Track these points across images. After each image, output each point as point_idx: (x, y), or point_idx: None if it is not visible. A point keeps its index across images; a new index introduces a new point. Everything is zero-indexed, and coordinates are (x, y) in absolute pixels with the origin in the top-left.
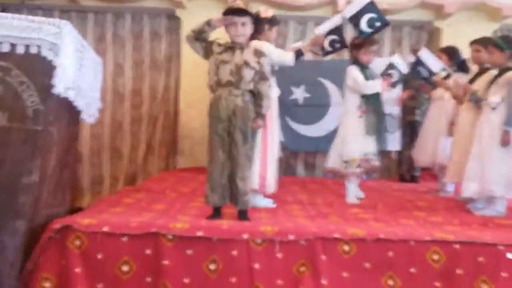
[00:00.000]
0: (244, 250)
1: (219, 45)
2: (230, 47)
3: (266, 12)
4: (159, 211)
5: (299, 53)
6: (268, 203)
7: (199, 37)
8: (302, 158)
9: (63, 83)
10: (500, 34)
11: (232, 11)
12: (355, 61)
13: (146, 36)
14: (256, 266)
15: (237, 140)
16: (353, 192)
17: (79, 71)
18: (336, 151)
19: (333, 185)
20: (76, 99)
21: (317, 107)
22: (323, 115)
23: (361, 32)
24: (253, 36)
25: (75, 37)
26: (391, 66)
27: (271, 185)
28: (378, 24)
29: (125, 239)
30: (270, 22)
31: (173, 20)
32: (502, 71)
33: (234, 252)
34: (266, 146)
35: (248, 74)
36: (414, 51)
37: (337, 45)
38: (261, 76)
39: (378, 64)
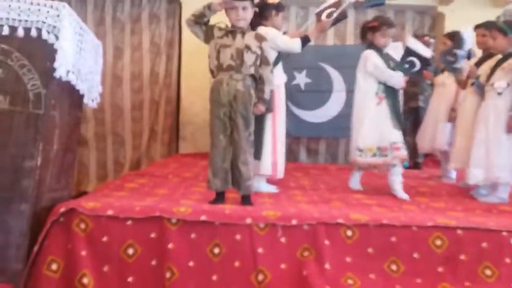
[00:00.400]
0: (247, 235)
1: (220, 29)
2: (231, 31)
3: None
4: (162, 195)
5: (305, 40)
6: (271, 188)
7: (200, 21)
8: (305, 144)
9: (64, 67)
10: (503, 19)
11: None
12: (370, 45)
13: (145, 20)
14: (260, 250)
15: (238, 125)
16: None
17: (79, 54)
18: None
19: (335, 171)
20: (77, 83)
21: (319, 93)
22: (325, 101)
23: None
24: (260, 22)
25: (74, 20)
26: (409, 52)
27: (281, 171)
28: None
29: (129, 222)
30: (277, 8)
31: (173, 4)
32: (506, 56)
33: (238, 237)
34: (276, 132)
35: (249, 58)
36: (418, 36)
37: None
38: (262, 61)
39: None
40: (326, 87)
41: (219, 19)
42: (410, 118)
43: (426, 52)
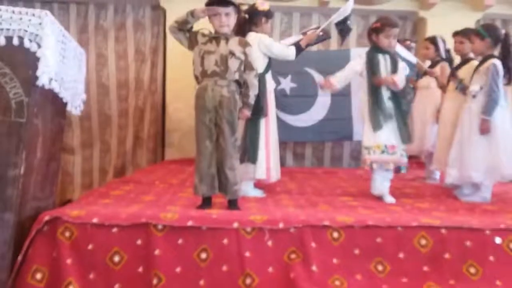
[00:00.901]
0: (234, 239)
1: (204, 35)
2: (215, 38)
3: (263, 4)
4: (149, 202)
5: (300, 47)
6: (258, 193)
7: (183, 28)
8: (291, 148)
9: (47, 75)
10: (482, 23)
11: (216, 2)
12: (374, 47)
13: (130, 27)
14: (247, 254)
15: (224, 130)
16: (381, 185)
17: (62, 62)
18: None
19: (322, 174)
20: (60, 91)
21: (304, 97)
22: (310, 105)
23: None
24: (250, 29)
25: (57, 28)
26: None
27: (275, 174)
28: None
29: (115, 230)
30: (267, 15)
31: (157, 10)
32: (484, 59)
33: (225, 241)
34: (269, 137)
35: (233, 64)
36: (399, 41)
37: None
38: (246, 66)
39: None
40: (311, 92)
41: (202, 25)
42: None
43: (411, 58)
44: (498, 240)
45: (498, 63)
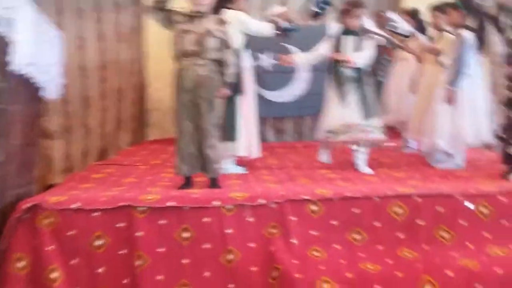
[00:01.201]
0: (216, 217)
1: (181, 14)
2: (192, 16)
3: None
4: (130, 184)
5: (277, 25)
6: (239, 170)
7: (160, 6)
8: (271, 123)
9: (21, 60)
10: None
11: None
12: (342, 27)
13: (108, 8)
14: (229, 231)
15: (203, 109)
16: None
17: (37, 46)
18: None
19: (302, 148)
20: (36, 75)
21: (283, 73)
22: (289, 81)
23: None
24: (225, 6)
25: (31, 11)
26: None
27: (256, 151)
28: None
29: (96, 214)
30: None
31: None
32: (458, 30)
33: (206, 219)
34: (248, 114)
35: (211, 43)
36: (378, 14)
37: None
38: (224, 45)
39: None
40: (291, 67)
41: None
42: None
43: (406, 26)
44: (468, 203)
45: (467, 35)
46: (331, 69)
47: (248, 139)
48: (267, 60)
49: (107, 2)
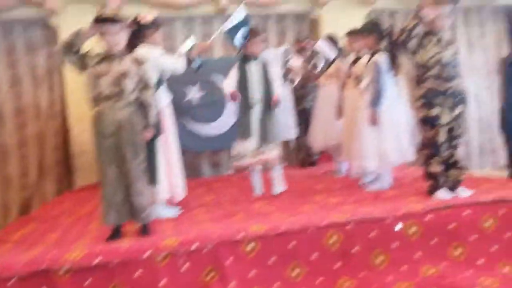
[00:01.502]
0: (148, 269)
1: (95, 56)
2: (107, 57)
3: (145, 17)
4: (54, 241)
5: (189, 58)
6: (172, 212)
7: (71, 50)
8: (207, 157)
9: None
10: (369, 19)
11: (103, 20)
12: (242, 55)
13: (20, 49)
14: (163, 282)
15: (127, 154)
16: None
17: None
18: None
19: (238, 181)
20: None
21: (214, 105)
22: (220, 112)
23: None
24: (139, 42)
25: None
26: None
27: (181, 191)
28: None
29: (12, 282)
30: (153, 26)
31: (49, 29)
32: (372, 54)
33: (138, 273)
34: (169, 153)
35: (129, 84)
36: (298, 41)
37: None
38: (143, 85)
39: (268, 55)
40: (220, 99)
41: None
42: (301, 119)
43: (331, 54)
44: (397, 228)
45: (381, 57)
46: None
47: (170, 180)
48: (196, 94)
49: (20, 44)
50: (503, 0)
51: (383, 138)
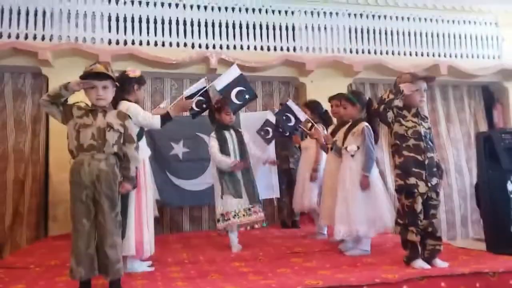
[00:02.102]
0: None
1: (79, 108)
2: (91, 111)
3: (134, 72)
4: None
5: (166, 117)
6: (145, 267)
7: (56, 101)
8: (187, 212)
9: None
10: (353, 89)
11: (92, 75)
12: (217, 124)
13: (8, 95)
14: None
15: (103, 206)
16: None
17: None
18: None
19: (218, 238)
20: None
21: (197, 161)
22: (204, 168)
23: (232, 103)
24: (122, 97)
25: None
26: (267, 122)
27: (149, 248)
28: (247, 96)
29: None
30: (139, 82)
31: (39, 78)
32: (355, 122)
33: None
34: (141, 208)
35: (111, 137)
36: (282, 104)
37: (204, 106)
38: (126, 139)
39: (252, 117)
40: (205, 155)
41: (78, 98)
42: (284, 179)
43: (301, 116)
44: None
45: (369, 125)
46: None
47: (140, 236)
48: (180, 149)
49: (8, 90)
50: (478, 78)
51: (375, 201)
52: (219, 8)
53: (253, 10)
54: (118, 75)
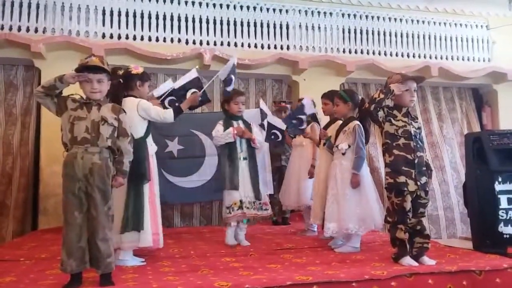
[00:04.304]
0: None
1: (74, 101)
2: (86, 104)
3: (137, 68)
4: (7, 285)
5: (178, 111)
6: (137, 261)
7: (50, 93)
8: (178, 208)
9: None
10: (345, 88)
11: (87, 68)
12: (226, 113)
13: (0, 86)
14: None
15: (96, 199)
16: (231, 235)
17: None
18: None
19: (209, 234)
20: None
21: (192, 158)
22: (198, 166)
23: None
24: (126, 93)
25: None
26: (269, 126)
27: (162, 239)
28: (199, 99)
29: None
30: (141, 78)
31: (31, 70)
32: (347, 120)
33: None
34: (154, 201)
35: (105, 131)
36: (275, 102)
37: (200, 99)
38: (120, 133)
39: (249, 114)
40: (199, 153)
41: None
42: (275, 177)
43: (281, 125)
44: None
45: (360, 124)
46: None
47: (155, 227)
48: (174, 146)
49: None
50: (468, 80)
51: (366, 199)
52: (214, 5)
53: (248, 7)
54: (122, 72)
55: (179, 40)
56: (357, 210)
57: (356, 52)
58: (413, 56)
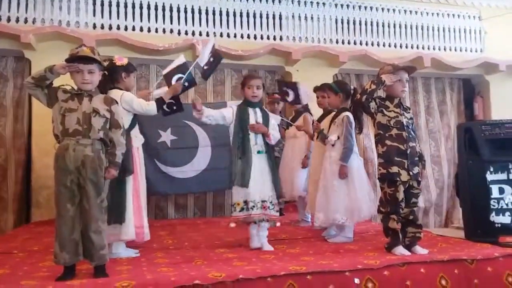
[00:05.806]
0: None
1: (65, 92)
2: (77, 95)
3: (121, 59)
4: (0, 277)
5: (161, 102)
6: (130, 253)
7: (40, 84)
8: (172, 199)
9: None
10: (338, 78)
11: (78, 58)
12: (245, 100)
13: None
14: None
15: (88, 192)
16: (254, 237)
17: None
18: None
19: (203, 225)
20: None
21: (185, 149)
22: (192, 156)
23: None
24: (112, 85)
25: None
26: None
27: (147, 233)
28: (186, 84)
29: None
30: (126, 70)
31: (21, 61)
32: (338, 112)
33: None
34: (138, 193)
35: (97, 122)
36: (268, 94)
37: (186, 84)
38: (112, 124)
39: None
40: (192, 143)
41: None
42: None
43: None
44: (357, 280)
45: (350, 115)
46: (241, 143)
47: (139, 221)
48: (167, 136)
49: None
50: (461, 71)
51: (353, 191)
52: None
53: None
54: (107, 64)
55: (171, 31)
56: (345, 201)
57: (349, 42)
58: (406, 47)
